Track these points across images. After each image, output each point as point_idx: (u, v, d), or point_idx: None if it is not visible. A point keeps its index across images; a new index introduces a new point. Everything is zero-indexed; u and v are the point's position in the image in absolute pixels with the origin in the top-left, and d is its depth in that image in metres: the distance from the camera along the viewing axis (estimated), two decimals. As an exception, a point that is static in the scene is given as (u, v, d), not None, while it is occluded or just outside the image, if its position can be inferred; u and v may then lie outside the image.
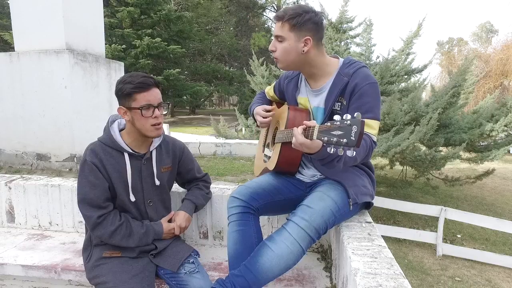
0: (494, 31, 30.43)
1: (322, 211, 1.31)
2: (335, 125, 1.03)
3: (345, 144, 1.00)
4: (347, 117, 1.02)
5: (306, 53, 1.40)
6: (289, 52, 1.40)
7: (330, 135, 1.03)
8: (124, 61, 10.22)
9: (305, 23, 1.36)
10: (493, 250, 4.86)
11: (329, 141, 1.04)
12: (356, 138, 0.98)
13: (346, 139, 0.99)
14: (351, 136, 0.99)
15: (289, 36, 1.38)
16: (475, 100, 14.92)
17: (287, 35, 1.38)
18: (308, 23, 1.36)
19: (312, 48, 1.40)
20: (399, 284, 1.03)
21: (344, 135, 1.00)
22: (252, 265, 1.29)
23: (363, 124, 0.99)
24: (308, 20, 1.36)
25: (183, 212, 1.62)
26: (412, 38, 6.50)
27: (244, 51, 26.82)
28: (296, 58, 1.41)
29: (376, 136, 1.36)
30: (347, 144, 0.99)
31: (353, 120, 1.00)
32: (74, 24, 4.15)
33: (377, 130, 1.36)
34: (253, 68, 7.42)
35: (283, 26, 1.38)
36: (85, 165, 1.43)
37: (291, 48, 1.39)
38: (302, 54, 1.39)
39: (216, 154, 5.63)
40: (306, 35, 1.37)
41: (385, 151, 4.67)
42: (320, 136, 1.06)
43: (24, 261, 1.73)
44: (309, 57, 1.41)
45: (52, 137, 4.08)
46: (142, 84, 1.38)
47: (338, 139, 1.01)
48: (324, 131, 1.06)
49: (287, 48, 1.39)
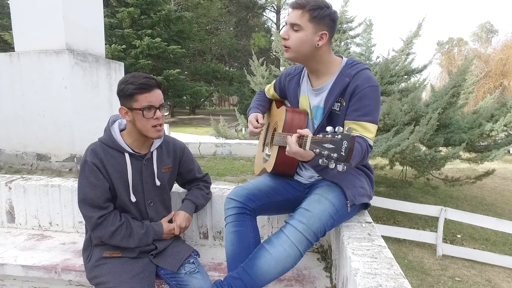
0: (494, 31, 30.44)
1: (320, 214, 1.30)
2: (327, 138, 1.03)
3: (335, 158, 1.00)
4: (339, 130, 1.02)
5: (319, 48, 1.38)
6: (304, 42, 1.37)
7: (322, 148, 1.04)
8: (124, 61, 10.23)
9: (325, 17, 1.35)
10: (493, 250, 4.86)
11: (320, 154, 1.04)
12: (345, 154, 0.99)
13: (337, 153, 1.00)
14: (341, 151, 0.99)
15: (308, 26, 1.35)
16: (475, 100, 14.93)
17: (306, 25, 1.35)
18: (327, 18, 1.35)
19: (325, 44, 1.39)
20: (399, 284, 1.03)
21: (335, 149, 1.00)
22: (250, 268, 1.29)
23: (353, 141, 0.99)
24: (328, 15, 1.35)
25: (183, 212, 1.62)
26: (412, 38, 6.49)
27: (244, 51, 26.82)
28: (308, 51, 1.39)
29: (373, 140, 1.36)
30: (337, 159, 1.00)
31: (344, 135, 1.00)
32: (74, 24, 4.15)
33: (374, 133, 1.35)
34: (253, 68, 7.41)
35: (303, 15, 1.34)
36: (86, 165, 1.43)
37: (307, 39, 1.36)
38: (316, 48, 1.38)
39: (216, 154, 5.63)
40: (323, 29, 1.36)
41: (385, 151, 4.67)
42: (312, 148, 1.07)
43: (24, 261, 1.73)
44: (319, 52, 1.40)
45: (52, 137, 4.08)
46: (144, 85, 1.38)
47: (329, 153, 1.01)
48: (316, 142, 1.06)
49: (303, 38, 1.36)
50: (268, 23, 31.88)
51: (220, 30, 27.14)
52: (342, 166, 1.02)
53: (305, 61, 1.46)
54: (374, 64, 6.79)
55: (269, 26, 31.24)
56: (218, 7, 24.83)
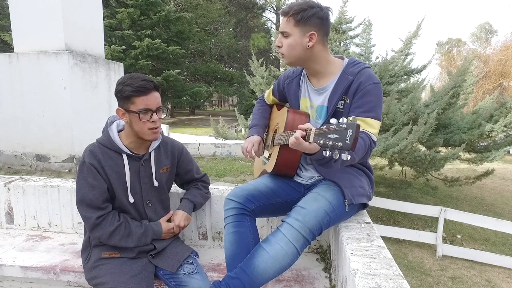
0: (493, 32, 30.46)
1: (316, 211, 1.30)
2: (331, 128, 1.03)
3: (340, 147, 1.00)
4: (343, 121, 1.03)
5: (311, 48, 1.40)
6: (294, 47, 1.40)
7: (326, 138, 1.04)
8: (123, 62, 10.22)
9: (310, 18, 1.36)
10: (493, 250, 4.86)
11: (324, 144, 1.04)
12: (351, 142, 0.99)
13: (341, 142, 1.00)
14: (346, 139, 0.99)
15: (294, 31, 1.38)
16: (475, 101, 14.93)
17: (292, 30, 1.38)
18: (313, 18, 1.36)
19: (317, 44, 1.40)
20: (398, 284, 1.03)
21: (339, 138, 1.01)
22: (247, 267, 1.29)
23: (358, 128, 1.00)
24: (313, 15, 1.36)
25: (181, 211, 1.62)
26: (411, 38, 6.50)
27: (243, 51, 26.82)
28: (301, 53, 1.41)
29: (376, 136, 1.36)
30: (342, 147, 1.00)
31: (349, 124, 1.00)
32: (73, 25, 4.15)
33: (377, 129, 1.36)
34: (252, 69, 7.41)
35: (288, 21, 1.39)
36: (84, 166, 1.43)
37: (296, 43, 1.39)
38: (307, 49, 1.40)
39: (216, 155, 5.63)
40: (311, 30, 1.37)
41: (384, 151, 4.67)
42: (316, 139, 1.07)
43: (23, 262, 1.73)
44: (314, 52, 1.41)
45: (51, 138, 4.08)
46: (142, 88, 1.37)
47: (333, 143, 1.02)
48: (320, 134, 1.06)
49: (292, 43, 1.40)
50: (267, 23, 31.92)
51: (219, 31, 27.13)
52: (347, 155, 1.02)
53: (302, 64, 1.48)
54: (374, 64, 6.79)
55: (268, 26, 31.27)
56: (218, 8, 24.85)
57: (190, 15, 20.35)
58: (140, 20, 18.07)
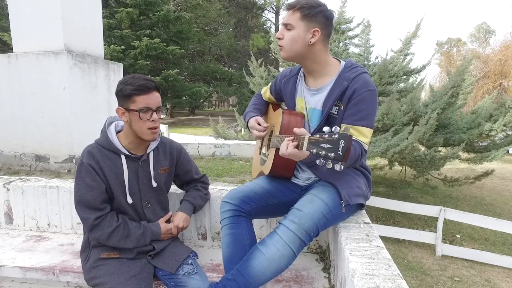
0: (491, 32, 30.46)
1: (312, 213, 1.30)
2: (324, 137, 1.04)
3: (332, 158, 1.01)
4: (336, 130, 1.03)
5: (312, 45, 1.39)
6: (296, 41, 1.39)
7: (319, 148, 1.05)
8: (123, 62, 10.23)
9: (316, 15, 1.36)
10: (492, 250, 4.87)
11: (318, 154, 1.05)
12: (343, 153, 1.00)
13: (334, 153, 1.01)
14: (338, 150, 1.00)
15: (299, 25, 1.37)
16: (474, 101, 14.95)
17: (297, 23, 1.37)
18: (319, 15, 1.37)
19: (319, 42, 1.39)
20: (396, 285, 1.03)
21: (332, 149, 1.01)
22: (244, 269, 1.29)
23: (350, 139, 1.00)
24: (320, 12, 1.36)
25: (181, 212, 1.62)
26: (411, 38, 6.51)
27: (243, 52, 26.83)
28: (301, 49, 1.40)
29: (368, 144, 1.37)
30: (334, 158, 1.01)
31: (341, 134, 1.01)
32: (72, 25, 4.15)
33: (369, 138, 1.36)
34: (252, 69, 7.42)
35: (294, 14, 1.38)
36: (82, 167, 1.43)
37: (298, 37, 1.38)
38: (309, 45, 1.39)
39: (215, 155, 5.62)
40: (315, 26, 1.37)
41: (384, 151, 4.67)
42: (310, 148, 1.08)
43: (22, 262, 1.73)
44: (314, 50, 1.41)
45: (50, 138, 4.07)
46: (143, 87, 1.38)
47: (326, 153, 1.03)
48: (313, 143, 1.07)
49: (294, 36, 1.38)
50: (267, 23, 31.93)
51: (219, 31, 27.14)
52: (340, 166, 1.02)
53: (300, 60, 1.47)
54: (373, 64, 6.80)
55: (268, 27, 31.29)
56: (217, 8, 24.86)
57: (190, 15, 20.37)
58: (139, 20, 18.09)
